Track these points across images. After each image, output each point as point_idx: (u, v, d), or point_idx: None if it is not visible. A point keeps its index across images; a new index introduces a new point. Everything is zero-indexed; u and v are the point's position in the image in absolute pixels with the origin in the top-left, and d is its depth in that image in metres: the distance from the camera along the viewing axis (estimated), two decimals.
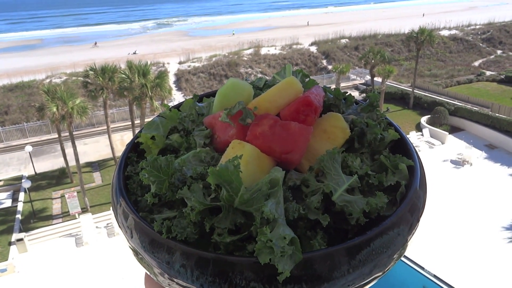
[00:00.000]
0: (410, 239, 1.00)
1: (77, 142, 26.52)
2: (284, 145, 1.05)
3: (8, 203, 25.09)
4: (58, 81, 41.38)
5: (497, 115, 31.41)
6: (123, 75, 25.06)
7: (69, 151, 26.16)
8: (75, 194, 23.38)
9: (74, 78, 42.22)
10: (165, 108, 1.38)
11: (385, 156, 1.13)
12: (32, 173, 28.10)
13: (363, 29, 61.91)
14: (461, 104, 34.52)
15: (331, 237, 0.96)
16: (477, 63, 52.95)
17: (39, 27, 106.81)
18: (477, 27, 63.89)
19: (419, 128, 32.98)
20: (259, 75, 46.54)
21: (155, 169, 0.99)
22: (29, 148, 26.54)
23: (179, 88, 43.74)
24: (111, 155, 28.90)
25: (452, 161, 27.68)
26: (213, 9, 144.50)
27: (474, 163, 27.07)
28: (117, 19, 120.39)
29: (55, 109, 22.80)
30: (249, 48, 54.18)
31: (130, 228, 0.99)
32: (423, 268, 12.50)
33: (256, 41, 58.00)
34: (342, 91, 1.36)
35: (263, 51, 52.37)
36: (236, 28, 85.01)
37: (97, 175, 28.18)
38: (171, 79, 42.54)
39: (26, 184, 23.60)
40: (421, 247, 16.12)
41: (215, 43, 64.81)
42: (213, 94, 1.38)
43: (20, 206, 24.37)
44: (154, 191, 1.01)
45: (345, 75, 37.96)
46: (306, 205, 0.97)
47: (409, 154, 1.18)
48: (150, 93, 24.90)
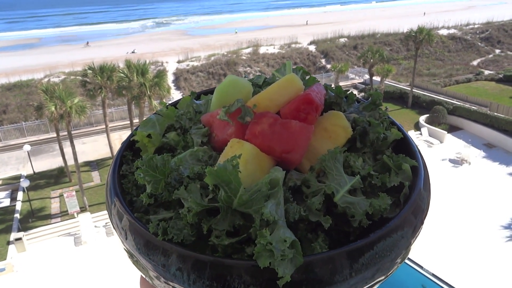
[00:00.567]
0: (414, 241, 0.98)
1: (75, 141, 26.49)
2: (284, 144, 1.03)
3: (6, 202, 25.07)
4: (56, 80, 41.33)
5: (495, 114, 31.47)
6: (122, 74, 25.04)
7: (67, 150, 26.13)
8: (73, 193, 23.37)
9: (72, 77, 42.15)
10: (162, 105, 1.35)
11: (388, 156, 1.11)
12: (31, 172, 28.07)
13: (361, 28, 61.97)
14: (459, 103, 34.57)
15: (333, 240, 0.94)
16: (475, 62, 53.04)
17: (38, 26, 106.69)
18: (475, 26, 63.97)
19: (417, 127, 33.03)
20: (258, 74, 46.68)
21: (151, 168, 0.97)
22: (27, 147, 26.50)
23: (178, 87, 43.73)
24: (109, 154, 28.88)
25: (451, 160, 27.73)
26: (212, 8, 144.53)
27: (472, 162, 27.13)
28: (116, 18, 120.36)
29: (53, 108, 22.77)
30: (247, 47, 54.19)
31: (124, 229, 0.97)
32: (422, 267, 12.49)
33: (255, 40, 58.01)
34: (344, 89, 1.34)
35: (262, 50, 52.38)
36: (235, 27, 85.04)
37: (95, 174, 28.17)
38: (170, 78, 42.52)
39: (25, 183, 23.56)
40: (420, 246, 16.12)
41: (213, 42, 64.82)
42: (211, 91, 1.36)
43: (18, 206, 24.35)
44: (149, 191, 0.98)
45: (343, 74, 38.03)
46: (307, 207, 0.94)
47: (413, 154, 1.16)
48: (148, 92, 24.89)
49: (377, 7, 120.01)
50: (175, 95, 40.52)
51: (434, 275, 12.66)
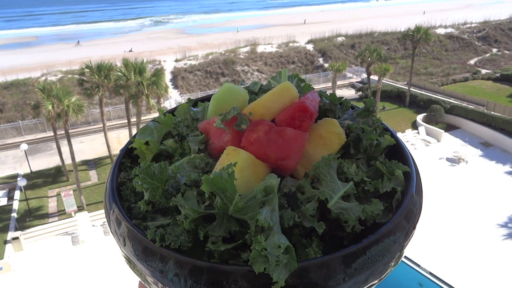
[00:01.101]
0: (406, 246, 1.00)
1: (73, 140, 26.40)
2: (279, 152, 1.04)
3: (3, 201, 24.96)
4: (53, 78, 41.15)
5: (492, 113, 31.53)
6: (119, 73, 24.92)
7: (65, 149, 26.03)
8: (71, 192, 23.30)
9: (69, 76, 41.98)
10: (159, 112, 1.37)
11: (381, 162, 1.12)
12: (28, 171, 27.97)
13: (359, 27, 61.91)
14: (456, 102, 34.62)
15: (327, 245, 0.96)
16: (472, 62, 53.09)
17: (35, 24, 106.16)
18: (473, 25, 64.01)
19: (415, 126, 33.07)
20: (256, 73, 46.55)
21: (149, 176, 0.98)
22: (24, 146, 26.39)
23: (176, 86, 43.62)
24: (107, 153, 28.80)
25: (448, 159, 27.78)
26: (210, 7, 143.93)
27: (469, 161, 27.18)
28: (114, 16, 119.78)
29: (50, 107, 22.67)
30: (245, 46, 54.07)
31: (123, 235, 0.98)
32: (419, 266, 12.51)
33: (253, 39, 57.89)
34: (338, 96, 1.36)
35: (260, 49, 52.26)
36: (233, 25, 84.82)
37: (93, 173, 28.09)
38: (168, 77, 42.38)
39: (22, 183, 23.48)
40: (417, 244, 16.17)
41: (211, 41, 64.67)
42: (208, 98, 1.37)
43: (15, 205, 24.26)
44: (147, 198, 1.00)
45: (341, 73, 37.97)
46: (302, 213, 0.96)
47: (405, 159, 1.17)
48: (146, 91, 24.80)
49: (375, 6, 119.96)
50: (173, 94, 40.47)
51: (431, 273, 12.70)
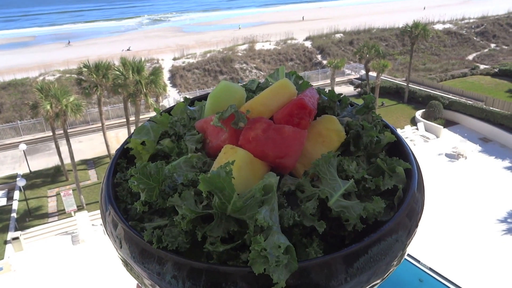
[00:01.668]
0: (409, 244, 0.98)
1: (71, 140, 26.36)
2: (278, 150, 1.03)
3: (3, 201, 24.95)
4: (51, 78, 41.07)
5: (491, 108, 31.55)
6: (117, 72, 24.88)
7: (63, 149, 26.01)
8: (70, 192, 23.30)
9: (67, 75, 41.90)
10: (156, 111, 1.35)
11: (382, 159, 1.11)
12: (27, 171, 27.94)
13: (357, 23, 61.84)
14: (455, 98, 34.63)
15: (328, 244, 0.94)
16: (471, 57, 53.09)
17: (32, 24, 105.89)
18: (471, 20, 63.99)
19: (414, 122, 33.08)
20: (254, 71, 46.52)
21: (145, 176, 0.96)
22: (23, 146, 26.36)
23: (174, 85, 43.57)
24: (106, 153, 28.78)
25: (447, 155, 27.81)
26: (209, 4, 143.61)
27: (468, 156, 27.21)
28: (112, 15, 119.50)
29: (48, 107, 22.63)
30: (243, 44, 54.01)
31: (119, 237, 0.97)
32: (418, 261, 12.55)
33: (251, 37, 57.82)
34: (337, 93, 1.34)
35: (258, 46, 52.21)
36: (230, 23, 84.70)
37: (92, 173, 28.07)
38: (166, 75, 42.34)
39: (21, 183, 23.46)
40: (416, 240, 16.18)
41: (209, 39, 64.55)
42: (205, 97, 1.36)
43: (15, 205, 24.24)
44: (144, 199, 0.98)
45: (340, 70, 37.93)
46: (302, 212, 0.94)
47: (406, 156, 1.16)
48: (144, 90, 24.77)
49: (373, 2, 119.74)
50: (171, 93, 40.42)
51: (431, 269, 12.75)
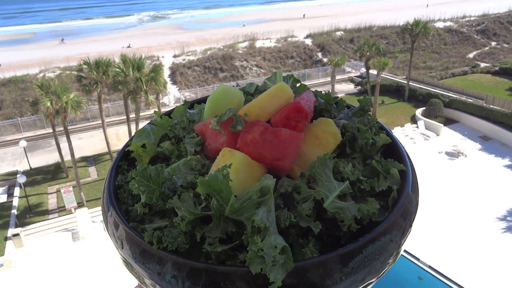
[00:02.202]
0: (403, 244, 1.01)
1: (72, 137, 26.38)
2: (275, 152, 1.05)
3: (3, 198, 24.99)
4: (51, 75, 41.05)
5: (491, 106, 31.50)
6: (118, 69, 24.83)
7: (64, 145, 26.02)
8: (70, 188, 23.32)
9: (68, 72, 41.87)
10: (156, 114, 1.37)
11: (377, 161, 1.13)
12: (27, 168, 27.97)
13: (358, 21, 61.70)
14: (455, 96, 34.58)
15: (324, 244, 0.96)
16: (471, 55, 52.99)
17: (33, 21, 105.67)
18: (471, 18, 63.82)
19: (414, 120, 33.06)
20: (254, 68, 46.45)
21: (145, 178, 0.99)
22: (23, 143, 26.37)
23: (174, 82, 43.51)
24: (106, 150, 28.78)
25: (447, 153, 27.81)
26: (211, 2, 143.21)
27: (468, 154, 27.21)
28: (113, 13, 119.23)
29: (49, 104, 22.61)
30: (244, 41, 53.91)
31: (120, 238, 0.99)
32: (418, 259, 12.58)
33: (251, 34, 57.70)
34: (334, 96, 1.36)
35: (258, 44, 52.11)
36: (231, 21, 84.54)
37: (92, 170, 28.09)
38: (166, 72, 42.30)
39: (21, 179, 23.49)
40: (416, 238, 16.21)
41: (210, 36, 64.43)
42: (204, 100, 1.38)
43: (15, 201, 24.28)
44: (144, 200, 1.00)
45: (340, 68, 37.85)
46: (298, 213, 0.97)
47: (401, 158, 1.18)
48: (145, 87, 24.74)
49: (374, 0, 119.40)
50: (172, 90, 40.38)
51: (430, 267, 12.77)
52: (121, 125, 33.61)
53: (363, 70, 40.88)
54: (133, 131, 26.64)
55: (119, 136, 32.30)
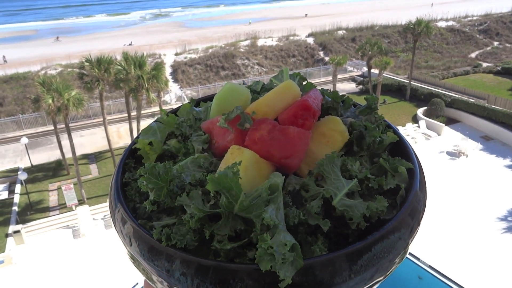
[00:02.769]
0: (411, 242, 1.01)
1: (73, 134, 26.42)
2: (283, 150, 1.05)
3: (4, 195, 25.05)
4: (53, 72, 41.10)
5: (493, 106, 31.48)
6: (119, 67, 24.83)
7: (65, 143, 26.05)
8: (71, 186, 23.36)
9: (69, 69, 41.91)
10: (162, 112, 1.37)
11: (385, 159, 1.13)
12: (28, 165, 28.02)
13: (360, 20, 61.63)
14: (457, 96, 34.56)
15: (332, 242, 0.97)
16: (473, 55, 52.91)
17: (35, 18, 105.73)
18: (474, 18, 63.71)
19: (415, 119, 33.04)
20: (256, 67, 46.44)
21: (154, 176, 0.98)
22: (24, 140, 26.42)
23: (176, 80, 43.53)
24: (107, 147, 28.80)
25: (448, 153, 27.80)
26: (211, 0, 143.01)
27: (470, 154, 27.20)
28: (115, 10, 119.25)
29: (50, 101, 22.64)
30: (245, 40, 53.88)
31: (128, 235, 0.99)
32: (418, 259, 12.56)
33: (253, 33, 57.67)
34: (340, 94, 1.36)
35: (260, 42, 52.08)
36: (234, 19, 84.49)
37: (93, 167, 28.14)
38: (168, 70, 42.29)
39: (23, 176, 23.52)
40: (416, 238, 16.21)
41: (211, 34, 64.44)
42: (211, 98, 1.38)
43: (16, 198, 24.34)
44: (152, 198, 1.00)
45: (342, 67, 37.86)
46: (306, 210, 0.97)
47: (409, 156, 1.18)
48: (146, 85, 24.74)
49: None
50: (173, 88, 40.41)
51: (431, 266, 12.75)
52: (123, 123, 33.64)
53: (365, 69, 40.87)
54: (134, 129, 26.68)
55: (120, 134, 32.34)
